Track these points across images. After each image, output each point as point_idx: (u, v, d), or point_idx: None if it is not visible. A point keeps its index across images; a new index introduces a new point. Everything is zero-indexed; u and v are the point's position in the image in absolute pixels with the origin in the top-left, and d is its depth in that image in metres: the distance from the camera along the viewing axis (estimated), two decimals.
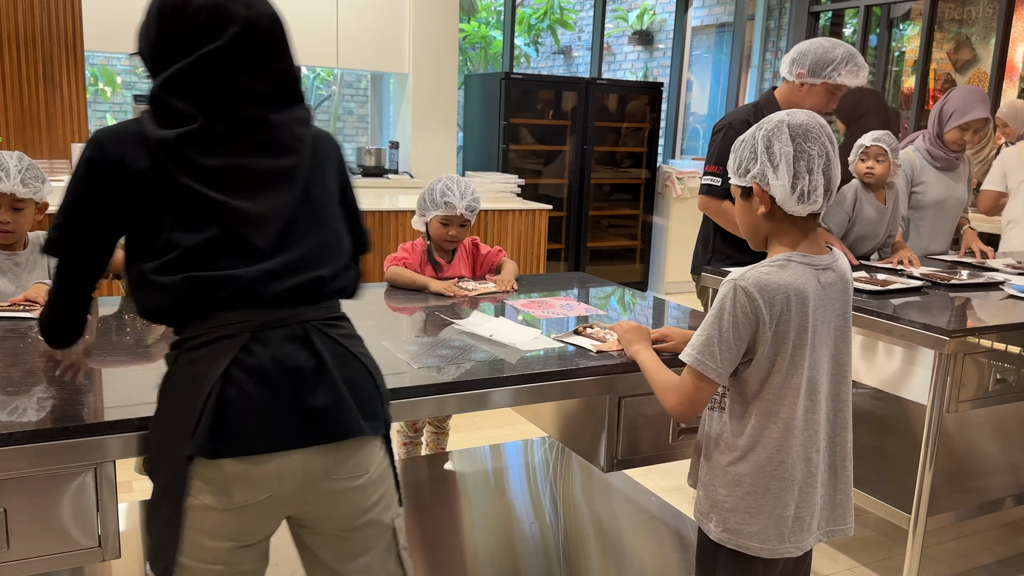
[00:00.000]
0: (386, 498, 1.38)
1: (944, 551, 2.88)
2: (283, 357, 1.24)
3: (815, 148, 1.46)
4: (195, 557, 1.24)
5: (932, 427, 2.26)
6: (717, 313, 1.47)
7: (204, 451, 1.19)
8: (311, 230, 1.33)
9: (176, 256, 1.24)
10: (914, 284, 2.69)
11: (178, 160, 1.23)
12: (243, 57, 1.26)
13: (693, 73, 8.49)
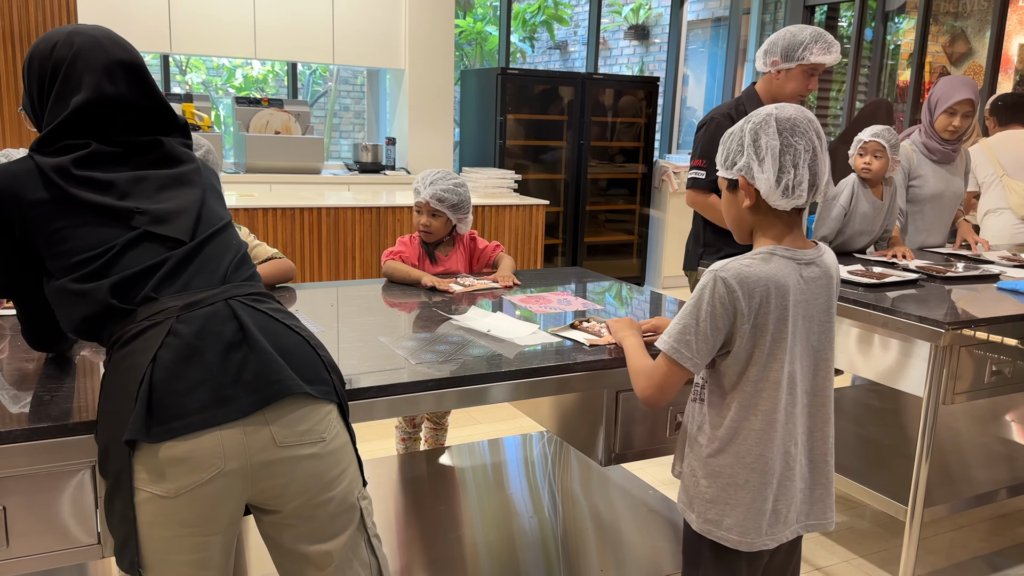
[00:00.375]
0: (349, 474, 1.37)
1: (941, 542, 2.90)
2: (208, 333, 1.26)
3: (801, 142, 1.47)
4: (157, 549, 1.23)
5: (928, 419, 2.27)
6: (696, 303, 1.48)
7: (140, 435, 1.19)
8: (218, 221, 1.42)
9: (95, 267, 1.29)
10: (910, 277, 2.70)
11: (79, 180, 1.31)
12: (115, 100, 1.36)
13: (689, 67, 8.49)
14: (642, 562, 2.13)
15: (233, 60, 8.97)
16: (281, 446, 1.27)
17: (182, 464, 1.21)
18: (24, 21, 4.73)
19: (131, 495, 1.21)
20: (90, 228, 1.30)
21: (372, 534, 1.41)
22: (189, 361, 1.23)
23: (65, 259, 1.30)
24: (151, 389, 1.21)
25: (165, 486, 1.21)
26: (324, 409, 1.33)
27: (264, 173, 5.52)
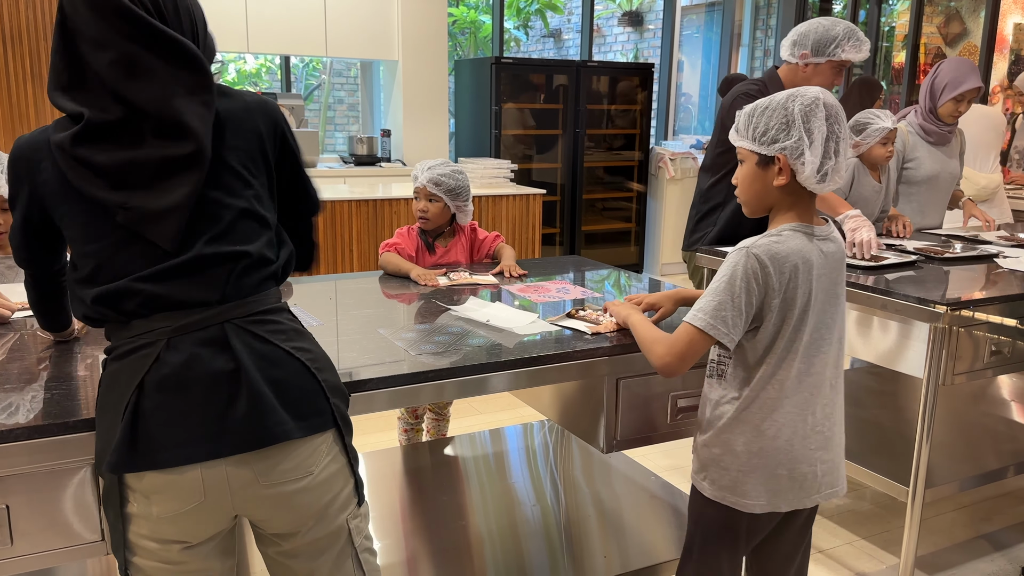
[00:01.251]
0: (340, 499, 1.32)
1: (943, 522, 2.91)
2: (197, 365, 1.19)
3: (842, 131, 1.50)
4: (144, 556, 1.24)
5: (928, 400, 2.27)
6: (729, 278, 1.50)
7: (120, 466, 1.18)
8: (219, 219, 1.24)
9: (90, 269, 1.23)
10: (908, 259, 2.70)
11: (75, 161, 1.19)
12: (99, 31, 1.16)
13: (684, 53, 8.47)
14: (645, 548, 2.13)
15: (226, 54, 8.93)
16: (264, 484, 1.24)
17: (162, 493, 1.20)
18: (15, 18, 4.70)
19: (120, 508, 1.22)
20: (85, 220, 1.22)
21: (362, 548, 1.37)
22: (175, 393, 1.18)
23: (73, 247, 1.26)
24: (135, 417, 1.18)
25: (149, 508, 1.21)
26: (315, 442, 1.27)
27: None
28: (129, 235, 1.21)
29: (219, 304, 1.23)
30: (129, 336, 1.22)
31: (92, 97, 1.18)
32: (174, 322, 1.21)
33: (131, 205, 1.19)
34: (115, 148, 1.19)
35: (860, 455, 2.61)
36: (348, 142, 6.24)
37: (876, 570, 2.60)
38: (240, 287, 1.25)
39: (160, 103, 1.18)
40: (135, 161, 1.19)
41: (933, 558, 2.67)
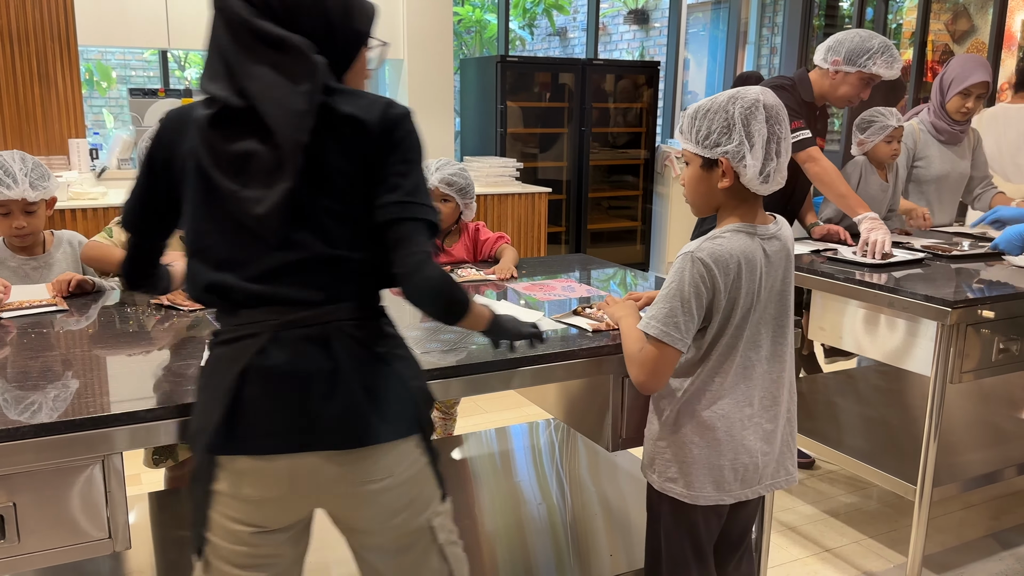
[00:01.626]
0: (419, 501, 1.33)
1: (950, 521, 2.89)
2: (298, 361, 1.23)
3: (783, 131, 1.52)
4: (220, 536, 1.28)
5: (936, 398, 2.26)
6: (677, 284, 1.53)
7: (218, 448, 1.23)
8: (324, 222, 1.25)
9: (200, 247, 1.28)
10: (915, 256, 2.69)
11: (206, 143, 1.24)
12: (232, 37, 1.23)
13: (690, 51, 8.45)
14: None
15: None
16: (348, 482, 1.27)
17: (252, 477, 1.25)
18: (21, 19, 4.72)
19: (208, 486, 1.26)
20: (203, 199, 1.26)
21: (447, 543, 1.39)
22: (275, 385, 1.23)
23: (187, 223, 1.30)
24: (235, 403, 1.22)
25: (237, 490, 1.25)
26: (401, 446, 1.30)
27: None
28: (237, 224, 1.24)
29: (323, 305, 1.25)
30: (236, 324, 1.26)
31: (224, 85, 1.23)
32: (280, 317, 1.24)
33: (241, 196, 1.22)
34: (237, 137, 1.23)
35: (867, 454, 2.60)
36: None
37: (883, 569, 2.60)
38: (343, 291, 1.27)
39: (266, 99, 1.20)
40: (245, 154, 1.22)
41: (941, 557, 2.66)
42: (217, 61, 1.25)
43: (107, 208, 3.72)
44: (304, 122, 1.20)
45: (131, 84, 7.99)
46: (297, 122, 1.20)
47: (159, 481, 2.58)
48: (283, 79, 1.21)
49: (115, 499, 1.35)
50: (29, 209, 2.15)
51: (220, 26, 1.25)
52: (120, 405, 1.35)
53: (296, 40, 1.21)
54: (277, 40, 1.21)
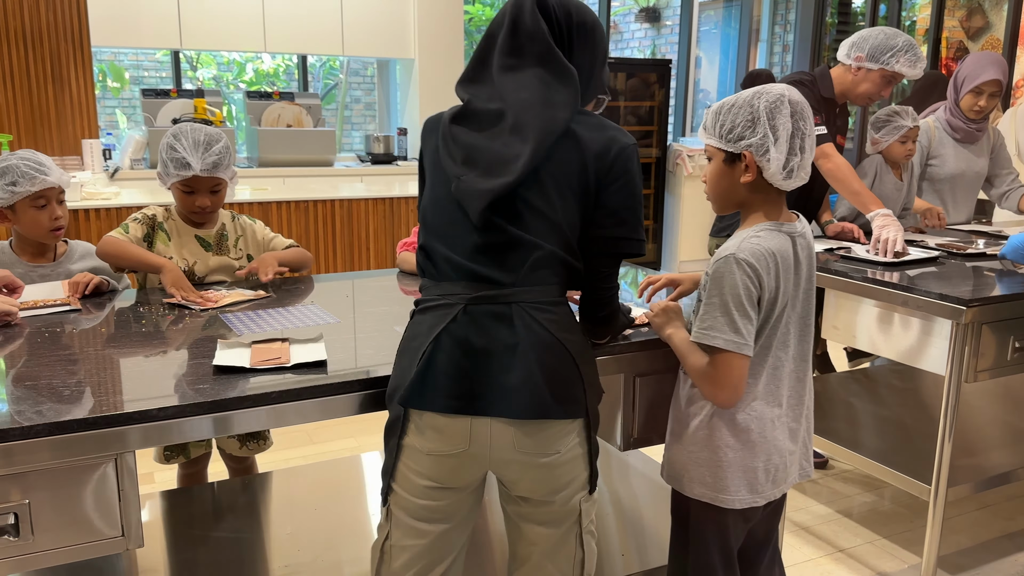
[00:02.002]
0: (576, 483, 1.44)
1: (965, 522, 2.87)
2: (485, 333, 1.36)
3: (807, 127, 1.52)
4: (403, 487, 1.43)
5: (950, 398, 2.24)
6: (729, 289, 1.50)
7: (409, 401, 1.38)
8: (523, 215, 1.38)
9: (426, 219, 1.47)
10: (930, 255, 2.67)
11: (447, 136, 1.42)
12: (509, 46, 1.41)
13: (701, 49, 8.42)
14: (662, 546, 2.12)
15: (244, 54, 8.99)
16: (519, 451, 1.39)
17: (437, 433, 1.38)
18: (35, 20, 4.75)
19: (400, 436, 1.41)
20: (437, 181, 1.44)
21: (586, 531, 1.49)
22: (463, 353, 1.36)
23: (424, 201, 1.49)
24: (429, 364, 1.37)
25: (422, 442, 1.39)
26: (569, 426, 1.40)
27: (277, 167, 5.54)
28: (454, 202, 1.41)
29: (512, 287, 1.39)
30: (436, 294, 1.42)
31: (482, 90, 1.42)
32: (474, 291, 1.39)
33: (463, 180, 1.39)
34: (476, 132, 1.40)
35: (881, 453, 2.59)
36: (365, 141, 6.25)
37: (897, 569, 2.58)
38: (531, 277, 1.40)
39: (525, 110, 1.37)
40: (479, 147, 1.39)
41: (956, 558, 2.64)
42: (478, 66, 1.44)
43: (120, 208, 3.73)
44: (551, 137, 1.37)
45: (144, 85, 8.03)
46: (544, 136, 1.36)
47: (172, 480, 2.59)
48: (546, 94, 1.38)
49: (128, 497, 1.36)
50: (61, 199, 2.17)
51: (503, 29, 1.42)
52: (133, 404, 1.35)
53: (571, 67, 1.41)
54: (560, 65, 1.40)
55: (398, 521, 1.46)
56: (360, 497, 2.37)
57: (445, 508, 1.44)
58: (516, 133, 1.37)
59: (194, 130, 2.16)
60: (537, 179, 1.38)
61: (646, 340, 1.75)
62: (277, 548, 2.05)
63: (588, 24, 1.45)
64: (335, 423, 3.58)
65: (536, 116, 1.37)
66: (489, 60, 1.43)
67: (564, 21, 1.42)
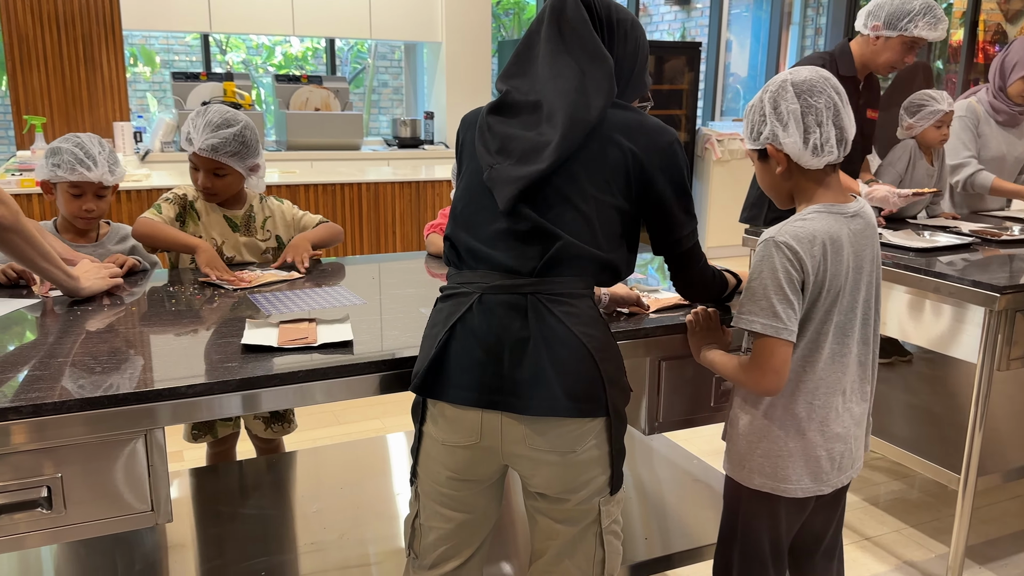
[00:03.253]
0: (594, 484, 1.40)
1: (995, 512, 2.84)
2: (498, 325, 1.34)
3: (821, 101, 1.50)
4: (425, 473, 1.45)
5: (982, 386, 2.21)
6: (768, 274, 1.49)
7: (421, 389, 1.39)
8: (551, 204, 1.36)
9: (455, 211, 1.46)
10: (963, 241, 2.62)
11: (484, 126, 1.43)
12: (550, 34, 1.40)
13: (732, 32, 8.31)
14: (686, 531, 2.12)
15: (272, 38, 9.02)
16: (531, 448, 1.36)
17: (450, 423, 1.38)
18: (68, 5, 4.80)
19: (421, 423, 1.43)
20: (471, 169, 1.45)
21: (607, 530, 1.45)
22: (476, 343, 1.34)
23: (456, 190, 1.50)
24: (443, 352, 1.37)
25: (437, 431, 1.41)
26: (586, 425, 1.36)
27: (305, 150, 5.56)
28: (484, 191, 1.40)
29: (528, 276, 1.36)
30: (457, 282, 1.42)
31: (522, 82, 1.42)
32: (490, 280, 1.37)
33: (496, 168, 1.39)
34: (510, 122, 1.41)
35: (910, 441, 2.56)
36: (392, 124, 6.26)
37: (925, 559, 2.55)
38: (550, 267, 1.36)
39: (559, 97, 1.36)
40: (513, 136, 1.39)
41: (984, 548, 2.61)
42: (519, 60, 1.44)
43: (151, 189, 3.78)
44: (583, 125, 1.35)
45: (174, 68, 8.10)
46: (575, 123, 1.35)
47: (200, 459, 2.63)
48: (582, 82, 1.37)
49: (157, 472, 1.38)
50: (100, 193, 2.18)
51: (544, 22, 1.42)
52: (163, 381, 1.37)
53: (609, 56, 1.40)
54: (599, 54, 1.39)
55: (424, 503, 1.48)
56: (386, 477, 2.40)
57: (465, 499, 1.44)
58: (549, 121, 1.37)
59: (217, 111, 2.18)
60: (571, 170, 1.36)
61: (670, 324, 1.74)
62: (303, 525, 2.07)
63: (627, 22, 1.47)
64: (361, 405, 3.61)
65: (569, 103, 1.35)
66: (529, 54, 1.43)
67: (604, 14, 1.43)
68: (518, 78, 1.43)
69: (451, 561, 1.48)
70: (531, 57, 1.43)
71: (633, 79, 1.49)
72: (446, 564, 1.48)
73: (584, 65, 1.38)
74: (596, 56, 1.39)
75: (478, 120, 1.46)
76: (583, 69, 1.38)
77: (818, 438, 1.57)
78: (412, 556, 1.52)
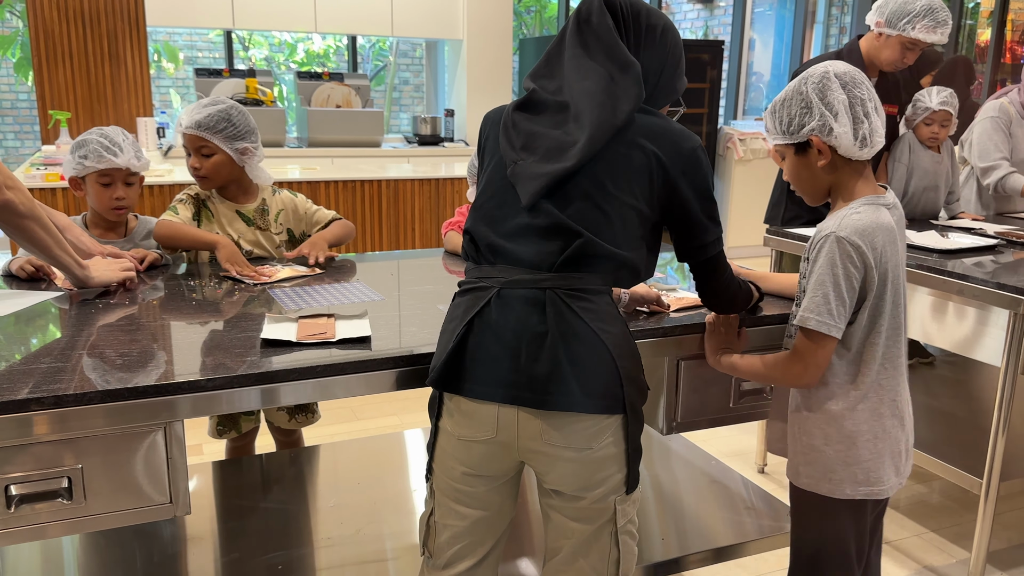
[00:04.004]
0: (610, 482, 1.39)
1: (1017, 517, 2.80)
2: (516, 319, 1.34)
3: (864, 92, 1.49)
4: (440, 467, 1.45)
5: (1006, 389, 2.18)
6: (828, 269, 1.48)
7: (438, 383, 1.40)
8: (572, 200, 1.36)
9: (478, 206, 1.45)
10: (988, 243, 2.59)
11: (508, 123, 1.43)
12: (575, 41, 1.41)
13: (755, 31, 8.25)
14: (704, 532, 2.11)
15: (295, 35, 9.07)
16: (546, 443, 1.35)
17: (466, 418, 1.38)
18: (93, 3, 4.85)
19: (437, 418, 1.43)
20: (494, 164, 1.44)
21: (623, 530, 1.44)
22: (494, 337, 1.34)
23: (479, 186, 1.49)
24: (460, 347, 1.36)
25: (453, 426, 1.40)
26: (602, 422, 1.35)
27: (326, 147, 5.59)
28: (507, 186, 1.40)
29: (547, 271, 1.36)
30: (475, 277, 1.42)
31: (550, 82, 1.42)
32: (509, 275, 1.37)
33: (520, 164, 1.39)
34: (536, 120, 1.41)
35: (932, 445, 2.53)
36: (412, 122, 6.28)
37: (945, 564, 2.53)
38: (569, 263, 1.36)
39: (586, 98, 1.37)
40: (539, 134, 1.40)
41: (1006, 554, 2.58)
42: (548, 60, 1.45)
43: (172, 185, 3.81)
44: (609, 127, 1.35)
45: (197, 64, 8.16)
46: (602, 125, 1.35)
47: (220, 452, 2.65)
48: (609, 86, 1.37)
49: (176, 465, 1.39)
50: (129, 180, 2.20)
51: (570, 24, 1.44)
52: (182, 374, 1.38)
53: (635, 62, 1.39)
54: (624, 60, 1.39)
55: (439, 500, 1.47)
56: (402, 472, 2.40)
57: (481, 496, 1.44)
58: (576, 121, 1.37)
59: (213, 98, 2.23)
60: (594, 170, 1.36)
61: (690, 323, 1.73)
62: (321, 520, 2.08)
63: (658, 27, 1.45)
64: (378, 401, 3.62)
65: (597, 105, 1.36)
66: (558, 56, 1.44)
67: (632, 19, 1.42)
68: (546, 78, 1.43)
69: (465, 560, 1.47)
70: (559, 59, 1.43)
71: (662, 83, 1.47)
72: (460, 563, 1.47)
73: (612, 71, 1.39)
74: (623, 64, 1.39)
75: (503, 117, 1.46)
76: (611, 74, 1.38)
77: (899, 432, 1.57)
78: (427, 555, 1.51)
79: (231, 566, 1.90)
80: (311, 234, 2.38)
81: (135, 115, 5.01)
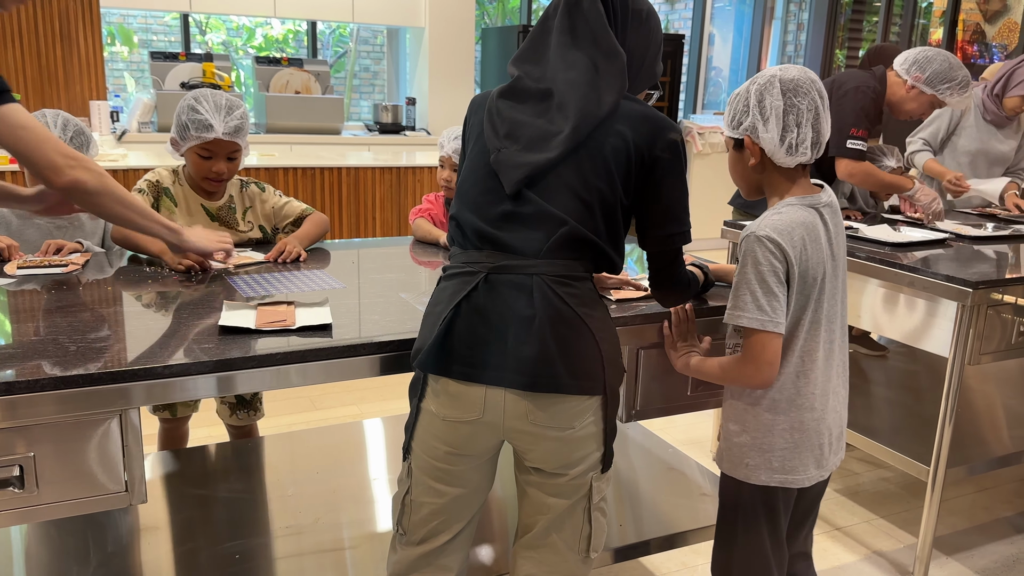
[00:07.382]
0: (589, 460, 1.44)
1: (963, 504, 2.89)
2: (503, 304, 1.37)
3: (804, 102, 1.52)
4: (421, 448, 1.47)
5: (953, 380, 2.24)
6: (752, 268, 1.51)
7: (425, 366, 1.41)
8: (558, 190, 1.39)
9: (462, 193, 1.47)
10: (937, 236, 2.65)
11: (492, 109, 1.45)
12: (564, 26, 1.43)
13: (715, 26, 8.33)
14: (660, 518, 2.14)
15: (253, 19, 8.92)
16: (532, 423, 1.39)
17: (452, 399, 1.40)
18: None
19: (420, 399, 1.45)
20: (478, 151, 1.46)
21: (595, 507, 1.49)
22: (481, 321, 1.37)
23: (460, 173, 1.52)
24: (447, 331, 1.38)
25: (438, 407, 1.42)
26: (585, 403, 1.40)
27: (285, 133, 5.51)
28: (490, 173, 1.43)
29: (534, 258, 1.39)
30: (461, 262, 1.43)
31: (534, 68, 1.44)
32: (496, 261, 1.39)
33: (503, 152, 1.41)
34: (520, 108, 1.43)
35: (881, 433, 2.59)
36: (373, 110, 6.22)
37: (893, 548, 2.60)
38: (555, 250, 1.39)
39: (571, 89, 1.39)
40: (522, 122, 1.42)
41: (952, 539, 2.66)
42: (533, 45, 1.46)
43: (127, 170, 3.73)
44: (593, 119, 1.38)
45: (152, 48, 7.98)
46: (586, 116, 1.38)
47: None
48: (594, 76, 1.40)
49: (132, 453, 1.37)
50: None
51: (559, 9, 1.45)
52: (138, 361, 1.36)
53: (621, 51, 1.42)
54: (611, 48, 1.41)
55: (417, 479, 1.49)
56: (361, 462, 2.39)
57: (461, 474, 1.46)
58: (560, 111, 1.39)
59: (214, 95, 2.13)
60: (576, 159, 1.39)
61: (649, 312, 1.75)
62: (278, 509, 2.07)
63: (643, 12, 1.47)
64: (337, 390, 3.60)
65: (581, 97, 1.38)
66: (543, 40, 1.45)
67: (620, 5, 1.44)
68: (530, 63, 1.45)
69: (440, 536, 1.50)
70: (545, 44, 1.45)
71: (644, 69, 1.51)
72: (435, 539, 1.50)
73: (598, 60, 1.41)
74: (610, 53, 1.41)
75: (487, 102, 1.47)
76: (596, 64, 1.40)
77: (820, 425, 1.60)
78: (400, 533, 1.54)
79: (187, 556, 1.88)
80: (282, 227, 2.34)
81: (88, 98, 4.89)
